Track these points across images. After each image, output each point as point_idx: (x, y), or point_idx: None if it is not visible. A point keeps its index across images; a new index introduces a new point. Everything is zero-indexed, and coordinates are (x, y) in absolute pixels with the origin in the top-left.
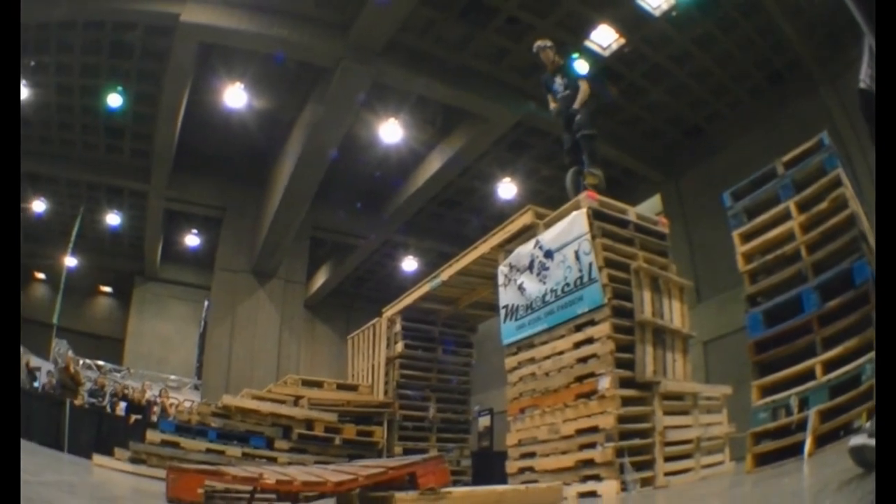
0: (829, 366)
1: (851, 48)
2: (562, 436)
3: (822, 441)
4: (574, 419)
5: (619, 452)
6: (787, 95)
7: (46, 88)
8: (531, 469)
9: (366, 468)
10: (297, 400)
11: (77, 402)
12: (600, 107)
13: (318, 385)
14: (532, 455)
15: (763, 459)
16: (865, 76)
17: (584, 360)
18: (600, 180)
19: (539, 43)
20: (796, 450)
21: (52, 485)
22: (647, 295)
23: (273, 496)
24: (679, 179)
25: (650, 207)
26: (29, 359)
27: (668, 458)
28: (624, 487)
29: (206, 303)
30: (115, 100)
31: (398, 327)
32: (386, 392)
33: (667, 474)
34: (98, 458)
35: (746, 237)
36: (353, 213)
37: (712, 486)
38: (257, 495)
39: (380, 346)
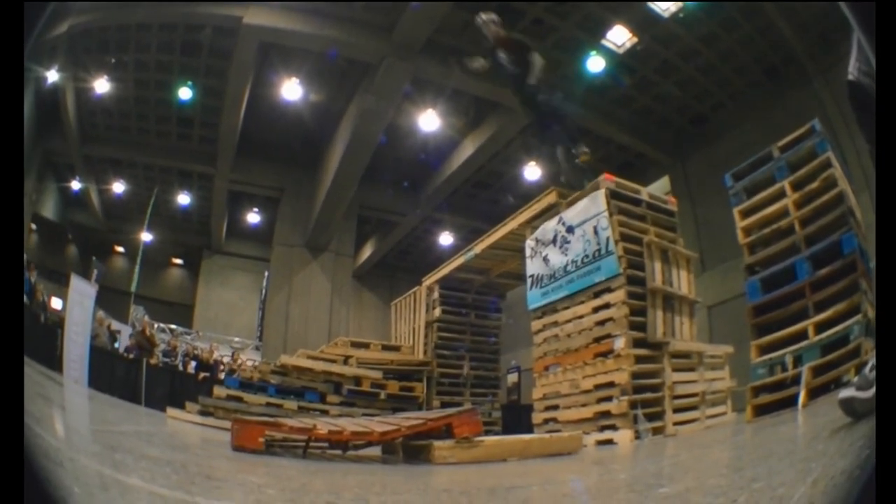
0: (821, 327)
1: (841, 44)
2: (582, 390)
3: (814, 394)
4: (592, 375)
5: (633, 405)
6: (782, 87)
7: (126, 83)
8: (554, 420)
9: (407, 420)
10: (346, 359)
11: (152, 361)
12: (616, 97)
13: (366, 346)
14: (555, 408)
15: (761, 410)
16: (854, 69)
17: (601, 323)
18: (590, 157)
19: (483, 16)
20: (791, 402)
21: (132, 434)
22: (657, 265)
23: (325, 444)
24: (686, 162)
25: (660, 188)
26: (110, 322)
27: (676, 410)
28: (637, 436)
29: (265, 273)
30: (185, 93)
31: (436, 294)
32: (425, 352)
33: (675, 424)
34: (171, 411)
35: (745, 213)
36: (396, 193)
37: (716, 435)
38: (312, 444)
39: (420, 312)
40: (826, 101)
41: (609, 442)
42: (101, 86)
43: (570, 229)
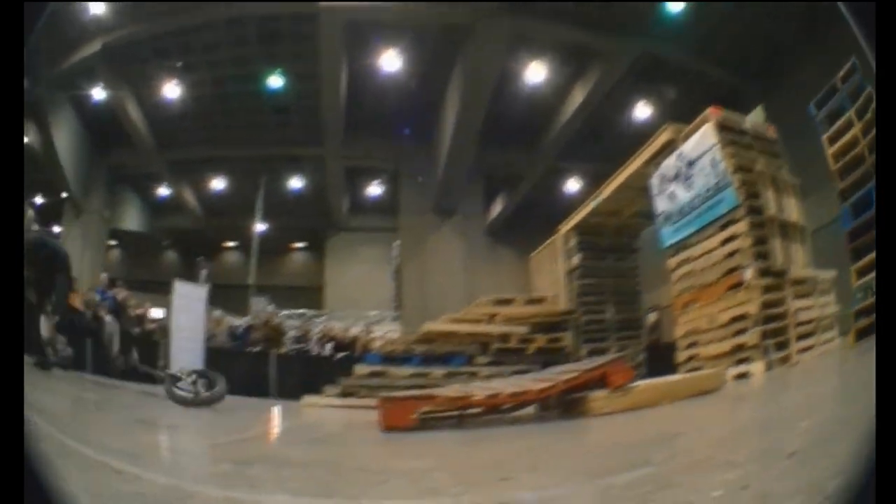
0: None
1: None
2: (718, 325)
3: None
4: (727, 309)
5: (764, 335)
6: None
7: (200, 85)
8: (695, 357)
9: (562, 374)
10: (491, 317)
11: (281, 351)
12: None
13: (509, 302)
14: (695, 345)
15: (862, 334)
16: None
17: (730, 255)
18: None
19: None
20: None
21: (264, 438)
22: (770, 193)
23: (480, 409)
24: (772, 93)
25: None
26: (230, 320)
27: (798, 338)
28: (769, 367)
29: (394, 243)
30: (275, 81)
31: (573, 242)
32: (569, 301)
33: (798, 352)
34: (307, 399)
35: (831, 141)
36: (516, 147)
37: (831, 362)
38: (466, 411)
39: (559, 261)
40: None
41: (744, 376)
42: (171, 91)
43: (689, 164)
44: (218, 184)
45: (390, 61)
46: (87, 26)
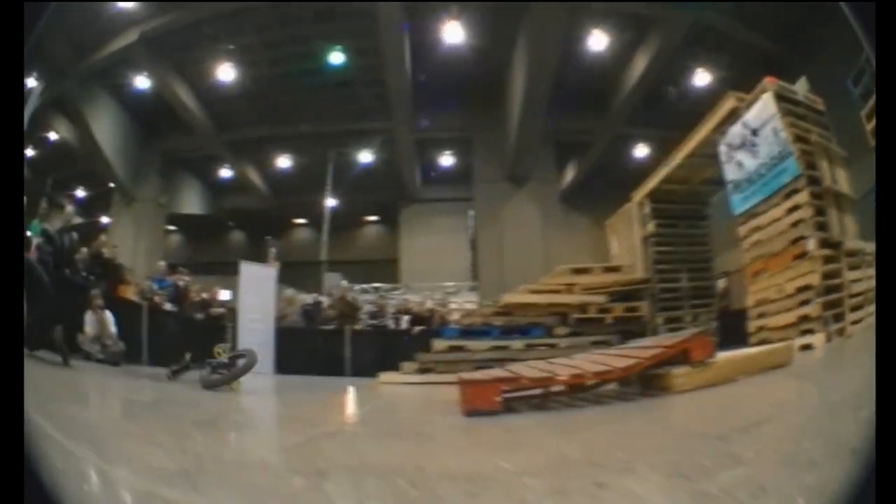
0: None
1: None
2: (785, 295)
3: None
4: (793, 279)
5: (824, 307)
6: None
7: (255, 66)
8: (764, 328)
9: (645, 349)
10: (569, 287)
11: (357, 327)
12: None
13: (587, 271)
14: (764, 315)
15: None
16: None
17: (794, 224)
18: None
19: None
20: None
21: (337, 434)
22: (824, 164)
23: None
24: (811, 63)
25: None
26: (302, 298)
27: (850, 310)
28: (828, 339)
29: (469, 212)
30: (336, 57)
31: (647, 209)
32: (645, 269)
33: (851, 324)
34: (384, 376)
35: (869, 118)
36: (584, 114)
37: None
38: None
39: (633, 228)
40: None
41: (808, 347)
42: (225, 73)
43: (754, 132)
44: (283, 162)
45: (453, 32)
46: (117, 18)
